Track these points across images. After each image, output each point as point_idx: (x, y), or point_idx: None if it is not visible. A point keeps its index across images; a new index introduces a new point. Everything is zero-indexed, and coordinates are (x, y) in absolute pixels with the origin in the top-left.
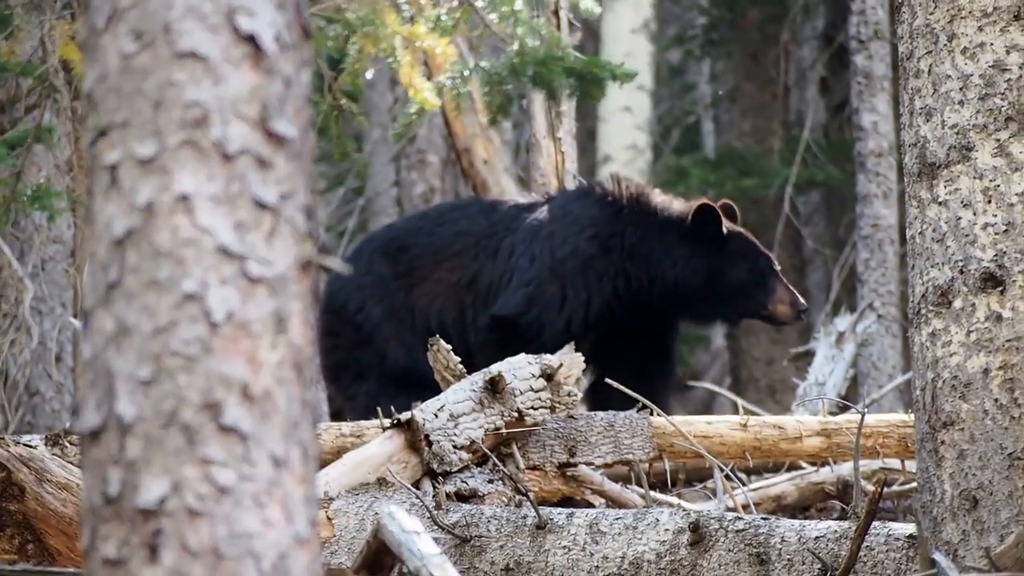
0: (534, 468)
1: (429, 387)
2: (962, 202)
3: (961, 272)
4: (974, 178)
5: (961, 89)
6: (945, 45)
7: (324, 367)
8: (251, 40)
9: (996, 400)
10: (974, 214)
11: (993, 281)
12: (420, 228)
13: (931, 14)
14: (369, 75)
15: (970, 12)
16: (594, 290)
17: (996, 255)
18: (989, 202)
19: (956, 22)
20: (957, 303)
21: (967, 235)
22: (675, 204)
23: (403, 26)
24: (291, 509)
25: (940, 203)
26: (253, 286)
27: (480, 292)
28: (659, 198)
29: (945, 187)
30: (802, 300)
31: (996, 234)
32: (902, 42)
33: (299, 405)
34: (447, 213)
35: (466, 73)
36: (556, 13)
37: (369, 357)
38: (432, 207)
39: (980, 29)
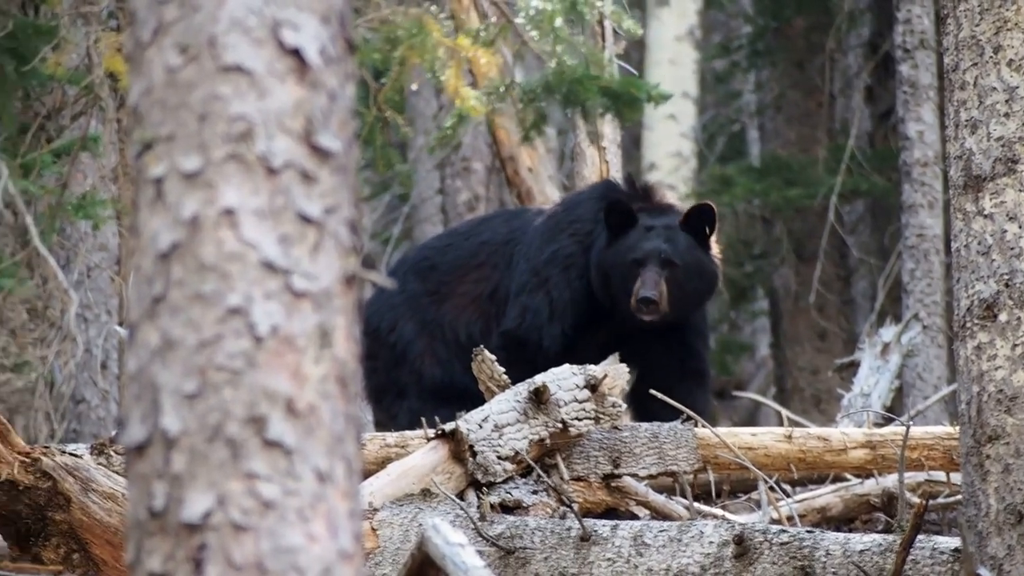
0: (578, 479)
1: (468, 400)
2: (1007, 215)
3: (1006, 285)
4: (1019, 191)
5: (1007, 101)
6: (991, 57)
7: (367, 390)
8: (296, 54)
9: None
10: (1019, 227)
11: None
12: (449, 244)
13: (977, 26)
14: (415, 87)
15: (1016, 24)
16: (576, 288)
17: None
18: None
19: (1002, 34)
20: (1002, 316)
21: (1012, 248)
22: (678, 206)
23: (447, 38)
24: (335, 524)
25: (985, 216)
26: (297, 300)
27: (499, 303)
28: (665, 199)
29: (990, 200)
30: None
31: None
32: (948, 54)
33: (343, 419)
34: (475, 226)
35: (501, 89)
36: (600, 23)
37: (406, 375)
38: (463, 222)
39: None
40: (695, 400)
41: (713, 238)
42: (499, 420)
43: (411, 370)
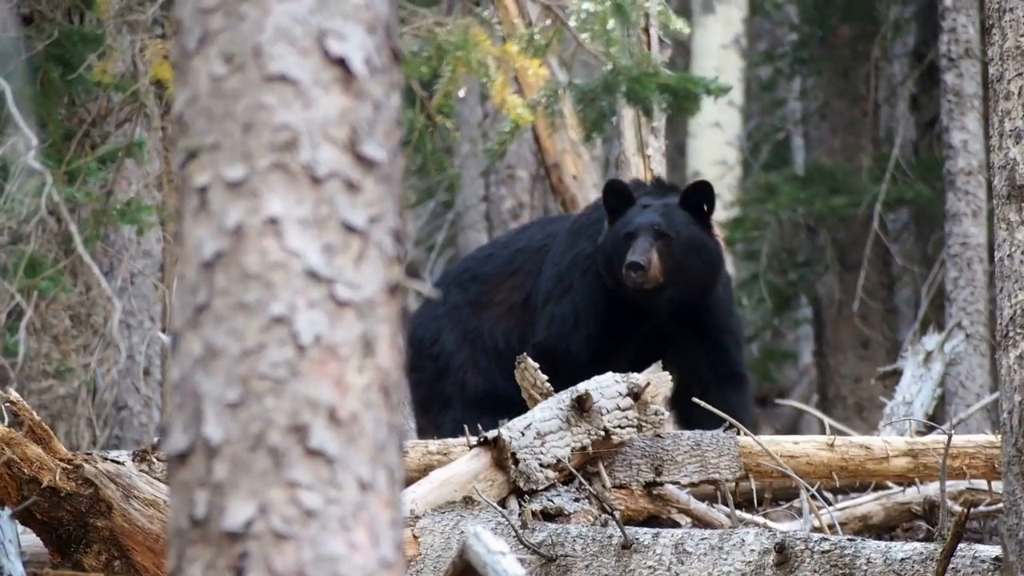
0: (620, 487)
1: (512, 408)
2: None
3: None
4: None
5: None
6: None
7: (413, 403)
8: (341, 63)
9: None
10: None
11: None
12: (490, 254)
13: (1022, 36)
14: (461, 94)
15: None
16: (596, 290)
17: None
18: None
19: None
20: None
21: None
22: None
23: (495, 47)
24: (377, 533)
25: None
26: (341, 309)
27: (533, 310)
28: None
29: None
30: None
31: None
32: (992, 64)
33: (386, 428)
34: (515, 234)
35: (560, 92)
36: (647, 31)
37: (450, 386)
38: (508, 231)
39: None
40: (732, 404)
41: (713, 217)
42: (541, 428)
43: (454, 381)
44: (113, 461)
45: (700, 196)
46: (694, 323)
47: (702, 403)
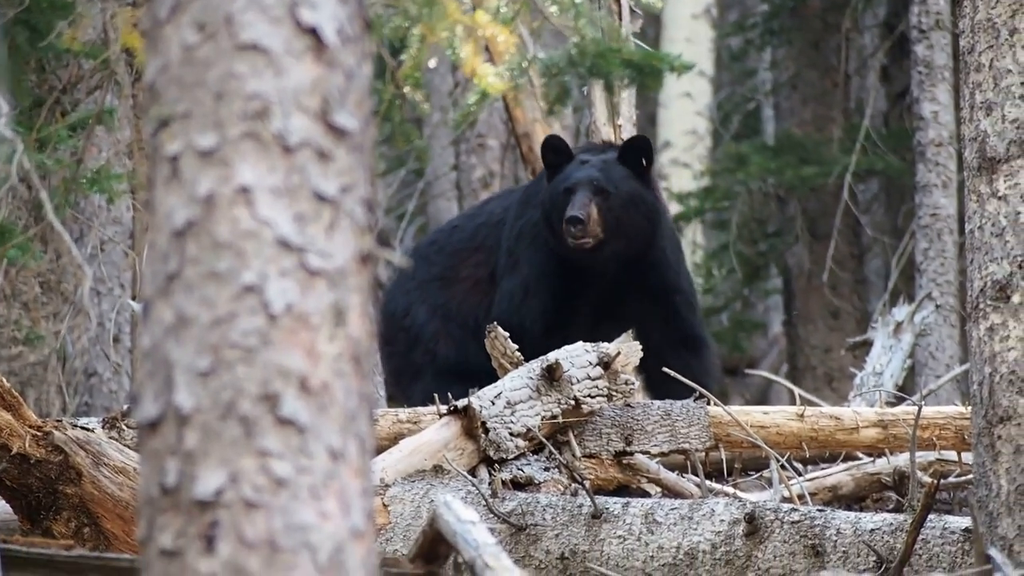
0: (590, 456)
1: (483, 379)
2: (1022, 196)
3: (1020, 267)
4: None
5: (1022, 84)
6: (1006, 40)
7: (385, 374)
8: (313, 32)
9: None
10: None
11: None
12: (456, 227)
13: (993, 8)
14: (432, 64)
15: None
16: (543, 258)
17: None
18: None
19: (1018, 17)
20: (1016, 298)
21: None
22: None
23: (464, 15)
24: (348, 502)
25: (1000, 198)
26: (312, 278)
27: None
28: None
29: (1005, 181)
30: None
31: None
32: (963, 36)
33: (357, 397)
34: (480, 207)
35: (524, 64)
36: (618, 1)
37: (421, 356)
38: (476, 203)
39: None
40: (692, 369)
41: (653, 171)
42: (512, 397)
43: (425, 351)
44: (83, 428)
45: (638, 151)
46: (643, 284)
47: (671, 372)
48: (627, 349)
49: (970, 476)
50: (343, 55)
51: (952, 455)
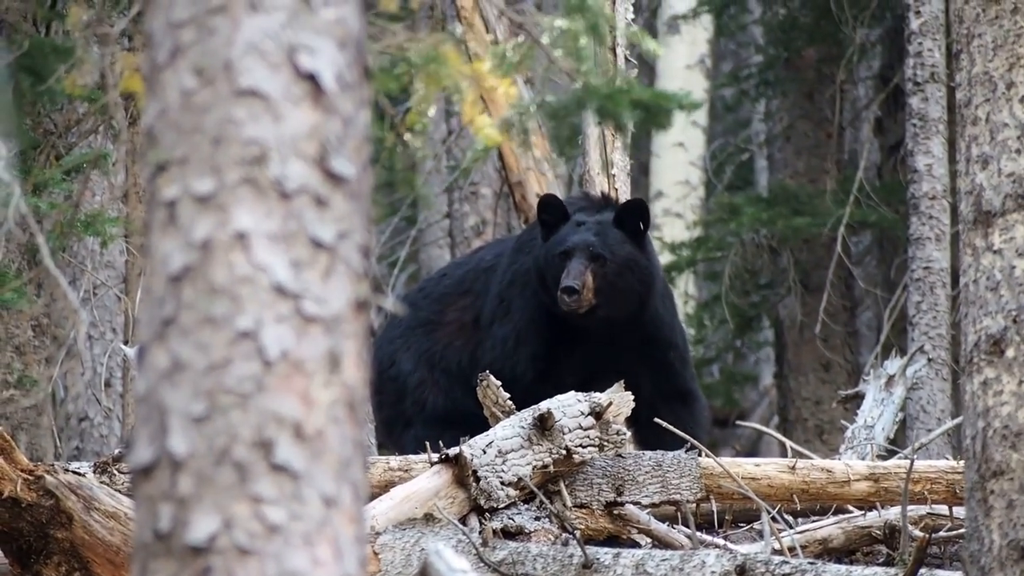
0: (581, 506)
1: (474, 425)
2: (1017, 251)
3: (1014, 321)
4: None
5: (1019, 138)
6: (1003, 93)
7: (377, 423)
8: (311, 79)
9: None
10: None
11: None
12: (445, 274)
13: (990, 62)
14: (432, 112)
15: None
16: (535, 306)
17: None
18: None
19: (1015, 70)
20: (1010, 352)
21: (1021, 284)
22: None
23: (465, 65)
24: (341, 548)
25: (995, 251)
26: (308, 325)
27: (483, 331)
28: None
29: (1000, 236)
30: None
31: None
32: (960, 89)
33: (351, 444)
34: (470, 255)
35: (532, 109)
36: (613, 50)
37: (410, 406)
38: (465, 252)
39: None
40: (683, 421)
41: (649, 234)
42: (503, 446)
43: (414, 400)
44: (75, 473)
45: (635, 214)
46: (637, 339)
47: (662, 423)
48: (619, 399)
49: (961, 530)
50: (341, 101)
51: (943, 509)
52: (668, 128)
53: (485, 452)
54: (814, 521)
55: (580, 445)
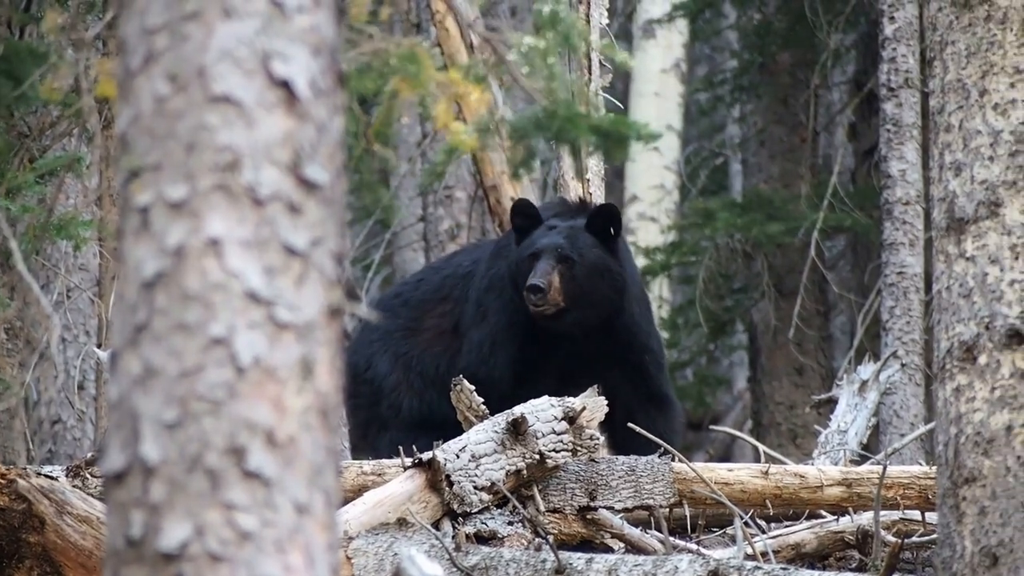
0: (554, 511)
1: (448, 429)
2: (989, 258)
3: (987, 328)
4: (1002, 234)
5: (991, 145)
6: (976, 100)
7: (351, 426)
8: (285, 85)
9: (1019, 457)
10: (1001, 270)
11: (1018, 338)
12: (420, 279)
13: (963, 69)
14: (404, 120)
15: (1002, 68)
16: (512, 311)
17: (1022, 312)
18: (1016, 258)
19: (988, 78)
20: (982, 359)
21: (993, 291)
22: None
23: (437, 71)
24: (313, 555)
25: (968, 259)
26: (280, 331)
27: (461, 337)
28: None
29: (973, 243)
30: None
31: (1023, 291)
32: (933, 96)
33: (324, 451)
34: (447, 260)
35: (492, 127)
36: (588, 56)
37: (386, 409)
38: (442, 256)
39: (1012, 86)
40: (659, 428)
41: (623, 240)
42: (476, 450)
43: (389, 404)
44: (47, 476)
45: (606, 219)
46: (612, 344)
47: (636, 428)
48: (592, 404)
49: (934, 536)
50: (315, 108)
51: (916, 515)
52: (624, 159)
53: (459, 456)
54: (787, 526)
55: (553, 450)
